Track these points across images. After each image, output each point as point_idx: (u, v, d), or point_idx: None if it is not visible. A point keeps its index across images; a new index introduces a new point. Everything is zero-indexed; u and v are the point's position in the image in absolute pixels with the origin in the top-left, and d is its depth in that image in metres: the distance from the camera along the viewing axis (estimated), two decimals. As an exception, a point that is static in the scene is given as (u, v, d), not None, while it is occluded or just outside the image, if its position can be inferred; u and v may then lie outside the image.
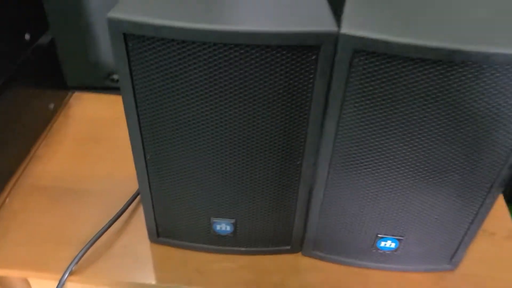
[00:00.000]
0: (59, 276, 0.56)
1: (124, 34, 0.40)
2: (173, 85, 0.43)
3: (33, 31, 0.72)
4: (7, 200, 0.66)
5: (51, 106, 0.79)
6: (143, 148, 0.49)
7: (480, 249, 0.62)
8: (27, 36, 0.70)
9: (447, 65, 0.39)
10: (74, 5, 0.75)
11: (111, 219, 0.62)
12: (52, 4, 0.75)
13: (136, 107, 0.45)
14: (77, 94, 0.87)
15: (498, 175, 0.46)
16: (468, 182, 0.48)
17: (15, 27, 0.67)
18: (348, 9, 0.42)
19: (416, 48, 0.38)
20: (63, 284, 0.55)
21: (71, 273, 0.56)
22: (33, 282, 0.65)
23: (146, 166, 0.51)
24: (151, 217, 0.57)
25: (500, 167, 0.46)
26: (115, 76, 0.77)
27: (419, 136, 0.44)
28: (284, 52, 0.40)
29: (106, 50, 0.80)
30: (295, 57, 0.40)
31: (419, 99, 0.41)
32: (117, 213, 0.63)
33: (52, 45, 0.78)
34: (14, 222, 0.63)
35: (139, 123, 0.47)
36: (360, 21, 0.40)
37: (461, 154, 0.45)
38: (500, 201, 0.69)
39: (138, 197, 0.66)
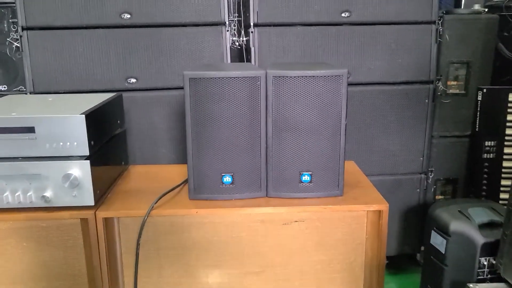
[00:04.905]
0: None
1: (189, 78, 1.10)
2: (207, 100, 1.11)
3: (120, 119, 1.41)
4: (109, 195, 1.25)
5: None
6: (191, 134, 1.14)
7: (354, 191, 1.23)
8: (119, 121, 1.38)
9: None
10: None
11: (168, 190, 1.22)
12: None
13: (190, 112, 1.12)
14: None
15: (340, 127, 1.13)
16: (331, 136, 1.14)
17: (115, 116, 1.36)
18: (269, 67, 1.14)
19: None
20: (148, 214, 1.12)
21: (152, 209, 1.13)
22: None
23: (192, 145, 1.14)
24: (192, 179, 1.17)
25: (339, 125, 1.13)
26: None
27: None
28: (246, 82, 1.10)
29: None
30: (250, 84, 1.11)
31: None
32: (171, 188, 1.23)
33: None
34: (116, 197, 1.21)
35: (191, 120, 1.13)
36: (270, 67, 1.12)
37: (324, 122, 1.13)
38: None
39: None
